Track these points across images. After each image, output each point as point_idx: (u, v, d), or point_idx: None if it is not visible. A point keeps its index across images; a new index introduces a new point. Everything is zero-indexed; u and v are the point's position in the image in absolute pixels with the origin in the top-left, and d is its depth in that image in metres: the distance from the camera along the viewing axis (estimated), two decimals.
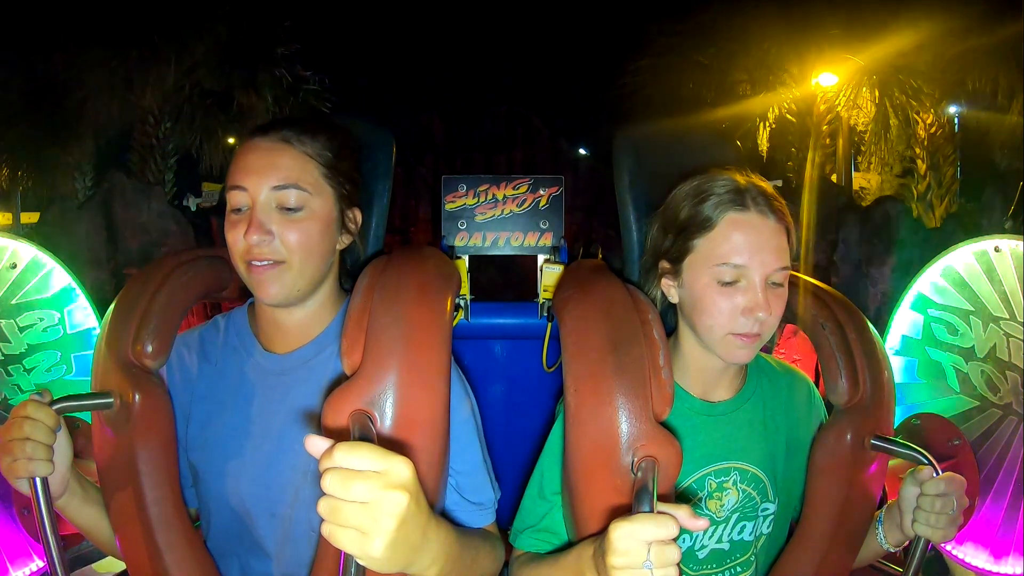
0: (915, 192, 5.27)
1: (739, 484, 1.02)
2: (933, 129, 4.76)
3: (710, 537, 1.01)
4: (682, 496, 1.00)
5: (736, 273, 0.92)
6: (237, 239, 0.92)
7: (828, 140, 5.39)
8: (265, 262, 0.92)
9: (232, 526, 0.99)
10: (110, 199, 4.60)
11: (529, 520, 1.00)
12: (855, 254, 4.83)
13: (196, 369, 1.03)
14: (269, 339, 1.01)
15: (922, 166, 4.84)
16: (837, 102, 5.18)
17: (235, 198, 0.93)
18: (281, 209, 0.92)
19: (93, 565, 1.46)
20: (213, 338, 1.05)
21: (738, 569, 1.03)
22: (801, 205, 5.06)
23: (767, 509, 1.04)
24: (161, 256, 1.08)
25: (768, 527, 1.04)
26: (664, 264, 1.01)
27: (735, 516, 1.02)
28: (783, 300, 0.96)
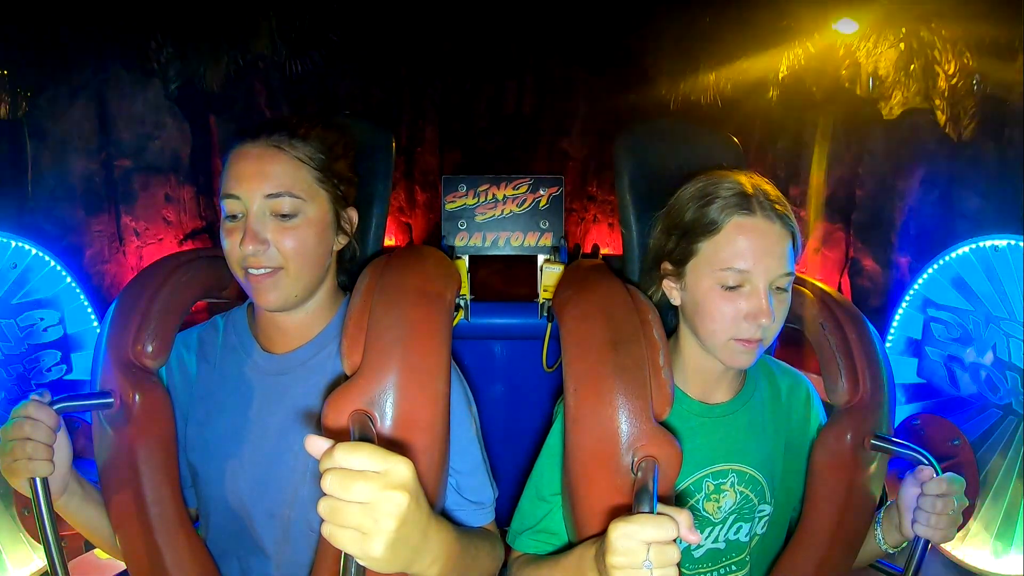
0: None
1: (737, 486, 1.02)
2: (954, 80, 4.55)
3: (707, 537, 1.01)
4: (680, 497, 1.00)
5: (740, 278, 0.91)
6: (234, 247, 0.92)
7: (847, 84, 5.16)
8: (262, 270, 0.92)
9: (231, 526, 0.99)
10: (104, 88, 4.31)
11: (528, 521, 1.00)
12: (881, 167, 4.46)
13: (195, 369, 1.03)
14: (268, 339, 1.01)
15: (942, 117, 4.62)
16: (856, 48, 4.94)
17: (229, 206, 0.92)
18: (275, 217, 0.91)
19: (95, 551, 1.46)
20: (212, 339, 1.05)
21: (733, 568, 1.03)
22: (824, 116, 4.74)
23: (764, 511, 1.04)
24: (161, 257, 1.08)
25: (763, 528, 1.04)
26: (667, 266, 1.00)
27: (732, 517, 1.02)
28: (786, 306, 0.95)
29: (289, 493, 0.95)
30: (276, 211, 0.91)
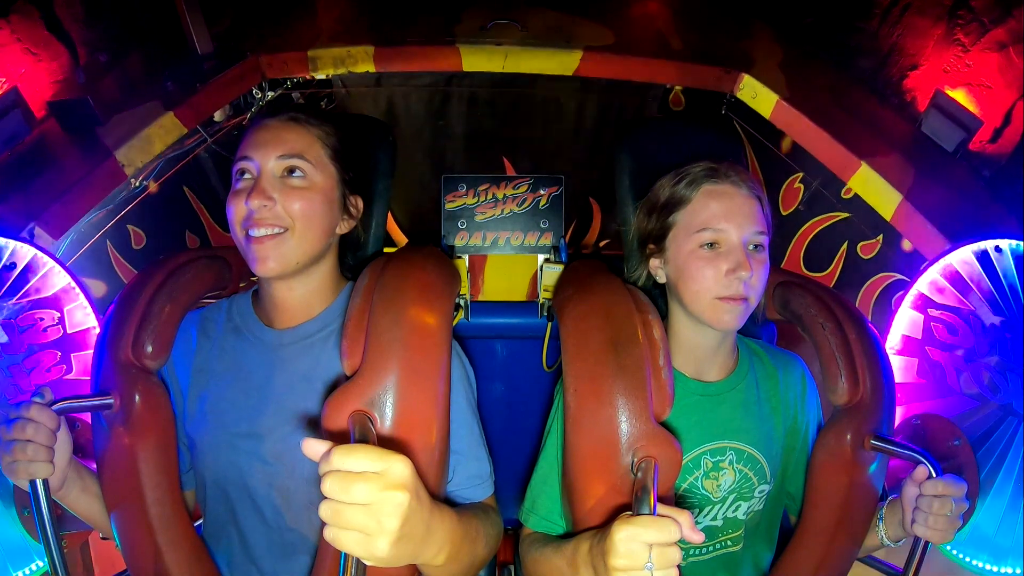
0: None
1: (735, 464, 1.03)
2: None
3: (706, 515, 1.03)
4: (680, 498, 1.01)
5: (716, 236, 0.96)
6: (239, 206, 0.94)
7: None
8: (264, 231, 0.93)
9: (230, 499, 0.99)
10: None
11: (538, 502, 1.01)
12: None
13: (195, 344, 1.04)
14: (270, 318, 1.02)
15: None
16: None
17: (241, 168, 0.96)
18: (285, 178, 0.95)
19: None
20: (215, 317, 1.06)
21: (728, 543, 1.06)
22: None
23: (764, 490, 1.05)
24: (160, 257, 1.08)
25: (761, 505, 1.06)
26: (651, 247, 1.05)
27: (732, 496, 1.03)
28: (765, 265, 0.98)
29: (288, 464, 0.96)
30: (287, 173, 0.95)
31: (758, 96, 1.99)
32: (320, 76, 2.08)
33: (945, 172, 1.72)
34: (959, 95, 1.76)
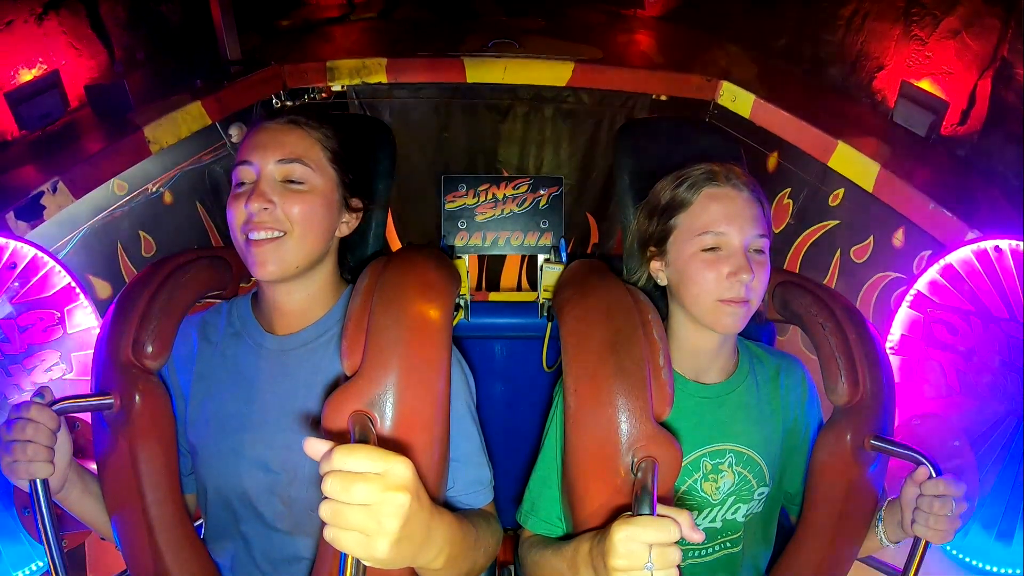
0: None
1: (735, 466, 1.03)
2: None
3: (704, 517, 1.03)
4: (679, 499, 1.01)
5: (717, 240, 0.96)
6: (239, 209, 0.93)
7: None
8: (264, 234, 0.93)
9: (232, 505, 0.99)
10: None
11: (537, 503, 1.01)
12: None
13: (196, 349, 1.04)
14: (270, 323, 1.02)
15: None
16: None
17: (241, 173, 0.95)
18: (285, 182, 0.95)
19: None
20: (216, 321, 1.06)
21: (728, 545, 1.06)
22: None
23: (763, 492, 1.05)
24: (161, 257, 1.08)
25: (760, 507, 1.06)
26: (651, 249, 1.05)
27: (731, 499, 1.03)
28: (766, 269, 0.99)
29: (290, 471, 0.96)
30: (286, 177, 0.95)
31: (738, 99, 2.08)
32: (336, 87, 2.18)
33: (921, 155, 1.78)
34: (925, 85, 1.87)
